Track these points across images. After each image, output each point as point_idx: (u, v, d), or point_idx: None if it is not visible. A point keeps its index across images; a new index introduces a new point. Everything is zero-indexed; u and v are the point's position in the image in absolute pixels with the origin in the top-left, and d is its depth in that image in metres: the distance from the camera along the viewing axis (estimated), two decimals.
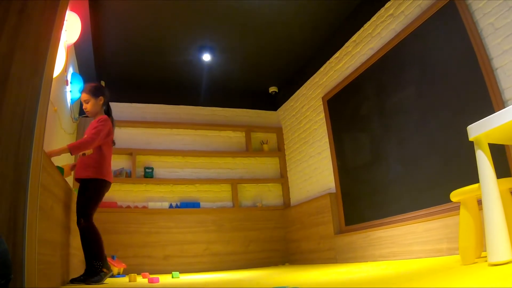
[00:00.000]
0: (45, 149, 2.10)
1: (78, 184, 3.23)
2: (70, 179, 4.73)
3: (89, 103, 3.34)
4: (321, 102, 5.43)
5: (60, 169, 3.05)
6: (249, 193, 6.35)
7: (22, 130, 1.79)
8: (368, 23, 4.52)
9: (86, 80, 4.95)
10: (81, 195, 3.13)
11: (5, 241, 1.40)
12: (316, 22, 4.94)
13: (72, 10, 3.67)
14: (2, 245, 1.35)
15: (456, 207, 3.03)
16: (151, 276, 3.91)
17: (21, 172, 1.74)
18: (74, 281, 2.91)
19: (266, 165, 6.63)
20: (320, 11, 4.71)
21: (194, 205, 5.83)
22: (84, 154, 3.21)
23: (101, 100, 3.40)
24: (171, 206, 5.74)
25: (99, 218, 5.06)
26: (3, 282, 1.29)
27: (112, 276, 4.28)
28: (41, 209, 2.04)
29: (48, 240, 2.43)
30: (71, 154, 3.05)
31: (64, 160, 4.31)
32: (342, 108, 4.98)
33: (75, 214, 3.25)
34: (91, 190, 3.15)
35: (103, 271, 3.00)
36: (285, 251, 5.98)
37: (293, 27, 4.99)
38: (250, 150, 6.47)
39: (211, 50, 5.43)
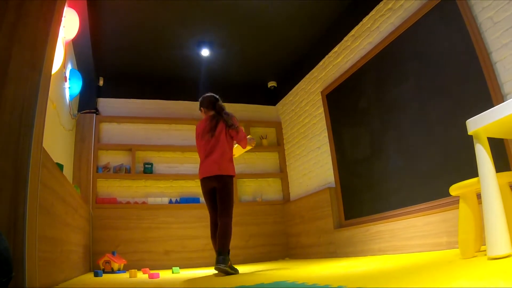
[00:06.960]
0: (45, 146, 2.10)
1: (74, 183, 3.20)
2: (68, 175, 4.70)
3: None
4: (320, 97, 5.42)
5: (60, 166, 3.04)
6: (249, 188, 6.36)
7: (21, 127, 1.78)
8: (367, 17, 4.51)
9: (84, 76, 4.93)
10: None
11: (6, 238, 1.40)
12: (314, 17, 4.92)
13: (70, 6, 3.65)
14: (4, 242, 1.35)
15: (456, 201, 3.03)
16: (151, 271, 3.92)
17: (21, 169, 1.74)
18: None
19: (266, 160, 6.63)
20: (318, 5, 4.69)
21: (194, 200, 5.83)
22: None
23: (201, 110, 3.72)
24: (170, 202, 5.74)
25: (99, 214, 5.13)
26: (4, 280, 1.29)
27: (113, 271, 4.29)
28: (41, 206, 2.05)
29: (49, 236, 2.43)
30: None
31: (67, 159, 4.30)
32: (341, 102, 4.97)
33: (74, 211, 3.23)
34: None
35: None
36: (285, 246, 5.99)
37: (292, 21, 4.98)
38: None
39: (210, 45, 5.41)
